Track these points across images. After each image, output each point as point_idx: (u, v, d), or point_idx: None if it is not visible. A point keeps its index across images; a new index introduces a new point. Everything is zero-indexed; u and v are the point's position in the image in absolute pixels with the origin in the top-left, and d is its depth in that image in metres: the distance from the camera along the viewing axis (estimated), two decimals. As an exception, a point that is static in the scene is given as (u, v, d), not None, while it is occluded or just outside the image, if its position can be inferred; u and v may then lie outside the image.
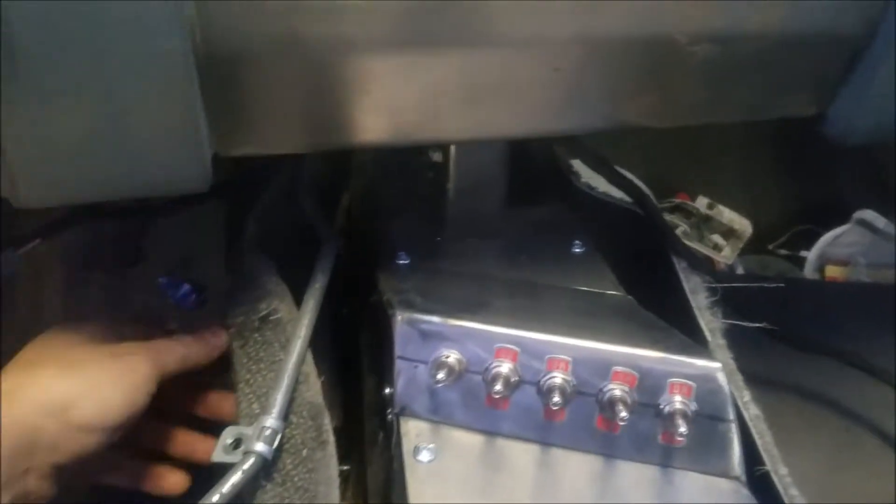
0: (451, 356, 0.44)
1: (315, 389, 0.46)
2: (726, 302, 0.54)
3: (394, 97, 0.41)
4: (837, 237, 0.84)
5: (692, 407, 0.43)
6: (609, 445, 0.44)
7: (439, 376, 0.44)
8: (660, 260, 0.57)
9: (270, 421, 0.42)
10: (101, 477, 0.48)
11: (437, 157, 0.60)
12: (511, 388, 0.44)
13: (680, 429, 0.42)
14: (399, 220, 0.59)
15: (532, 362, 0.44)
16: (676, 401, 0.43)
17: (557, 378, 0.43)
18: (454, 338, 0.45)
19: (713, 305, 0.53)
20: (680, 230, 0.85)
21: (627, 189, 0.61)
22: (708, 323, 0.51)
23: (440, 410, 0.45)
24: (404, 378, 0.45)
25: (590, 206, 0.62)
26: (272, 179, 0.60)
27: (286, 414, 0.43)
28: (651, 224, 0.60)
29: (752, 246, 0.87)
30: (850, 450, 0.59)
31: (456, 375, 0.44)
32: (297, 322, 0.48)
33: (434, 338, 0.45)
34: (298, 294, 0.51)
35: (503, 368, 0.44)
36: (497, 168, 0.56)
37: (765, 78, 0.45)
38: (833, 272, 0.83)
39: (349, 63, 0.39)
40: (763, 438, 0.45)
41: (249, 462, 0.40)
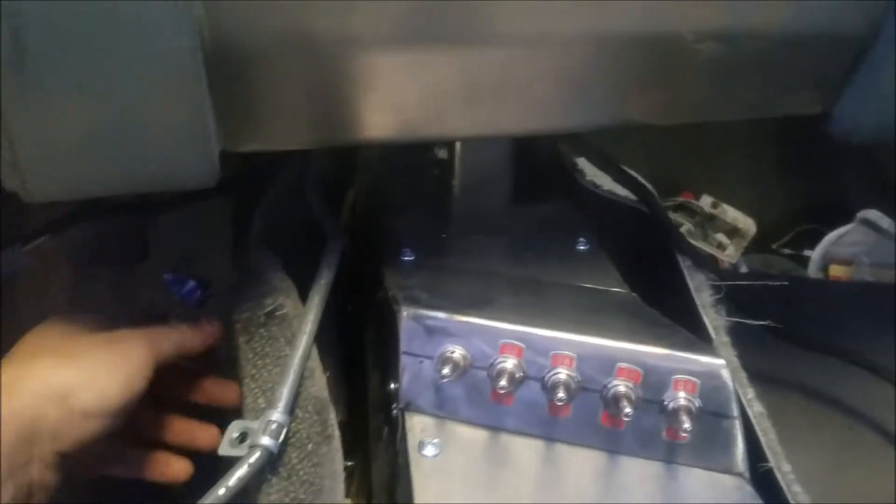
0: (456, 352, 0.45)
1: (320, 384, 0.46)
2: (730, 300, 0.54)
3: (400, 94, 0.41)
4: (841, 236, 0.84)
5: (696, 403, 0.43)
6: (613, 441, 0.45)
7: (444, 372, 0.44)
8: (664, 258, 0.57)
9: (276, 415, 0.42)
10: (104, 467, 0.48)
11: (443, 154, 0.60)
12: (516, 384, 0.44)
13: (684, 425, 0.42)
14: (404, 217, 0.59)
15: (537, 358, 0.44)
16: (680, 397, 0.43)
17: (562, 374, 0.44)
18: (459, 333, 0.45)
19: (717, 303, 0.53)
20: (684, 228, 0.85)
21: (632, 187, 0.61)
22: (712, 321, 0.51)
23: (445, 406, 0.45)
24: (409, 373, 0.45)
25: (594, 204, 0.63)
26: (278, 176, 0.60)
27: (292, 408, 0.44)
28: (655, 222, 0.60)
29: (756, 245, 0.87)
30: (853, 448, 0.59)
31: (461, 371, 0.44)
32: (303, 318, 0.48)
33: (439, 333, 0.45)
34: (304, 290, 0.51)
35: (508, 364, 0.44)
36: (502, 165, 0.56)
37: (769, 76, 0.45)
38: (837, 271, 0.83)
39: (356, 60, 0.39)
40: (766, 435, 0.46)
41: (255, 456, 0.40)
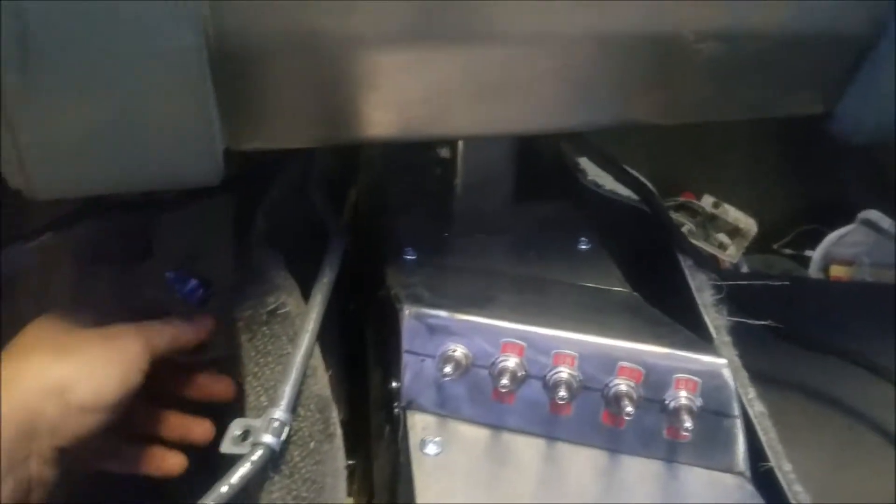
0: (458, 350, 0.45)
1: (323, 383, 0.46)
2: (731, 300, 0.54)
3: (402, 92, 0.41)
4: (842, 237, 0.84)
5: (697, 403, 0.43)
6: (614, 440, 0.45)
7: (446, 370, 0.44)
8: (665, 258, 0.57)
9: (279, 413, 0.42)
10: (101, 462, 0.48)
11: (445, 154, 0.60)
12: (517, 383, 0.44)
13: (685, 424, 0.42)
14: (406, 216, 0.59)
15: (538, 357, 0.44)
16: (682, 396, 0.43)
17: (564, 373, 0.44)
18: (461, 332, 0.45)
19: (718, 303, 0.53)
20: (685, 228, 0.85)
21: (634, 187, 0.61)
22: (713, 320, 0.52)
23: (447, 404, 0.45)
24: (411, 372, 0.46)
25: (596, 204, 0.63)
26: (281, 174, 0.60)
27: (294, 407, 0.44)
28: (657, 222, 0.60)
29: (757, 245, 0.87)
30: (853, 448, 0.59)
31: (463, 369, 0.44)
32: (305, 316, 0.48)
33: (441, 332, 0.45)
34: (306, 288, 0.51)
35: (510, 363, 0.44)
36: (504, 165, 0.56)
37: (771, 76, 0.45)
38: (838, 272, 0.83)
39: (359, 58, 0.39)
40: (767, 435, 0.46)
41: (258, 453, 0.40)
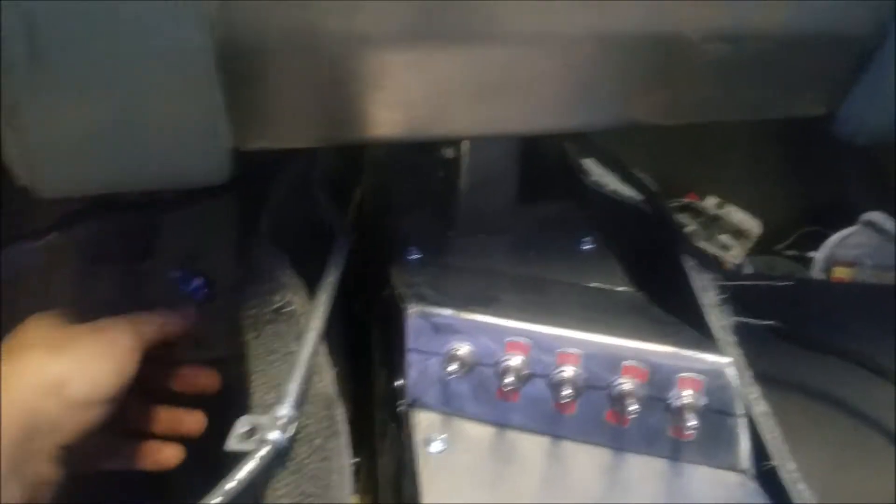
0: (463, 349, 0.45)
1: (328, 380, 0.46)
2: (735, 301, 0.54)
3: (407, 92, 0.41)
4: (845, 239, 0.84)
5: (701, 402, 0.43)
6: (618, 439, 0.45)
7: (451, 368, 0.44)
8: (669, 258, 0.58)
9: (285, 410, 0.42)
10: (100, 460, 0.48)
11: (449, 154, 0.60)
12: (522, 381, 0.44)
13: (689, 423, 0.42)
14: (410, 216, 0.59)
15: (543, 356, 0.44)
16: (686, 395, 0.43)
17: (568, 372, 0.44)
18: (466, 331, 0.45)
19: (722, 303, 0.54)
20: (689, 229, 0.85)
21: (638, 187, 0.61)
22: (717, 320, 0.52)
23: (451, 402, 0.46)
24: (416, 370, 0.46)
25: (599, 204, 0.63)
26: (285, 174, 0.61)
27: (300, 404, 0.44)
28: (661, 222, 0.60)
29: (760, 247, 0.87)
30: (856, 448, 0.59)
31: (467, 368, 0.45)
32: (311, 314, 0.48)
33: (446, 331, 0.45)
34: (310, 288, 0.51)
35: (514, 362, 0.44)
36: (508, 165, 0.56)
37: (775, 76, 0.45)
38: (840, 273, 0.83)
39: (364, 58, 0.39)
40: (771, 434, 0.46)
41: (265, 450, 0.41)
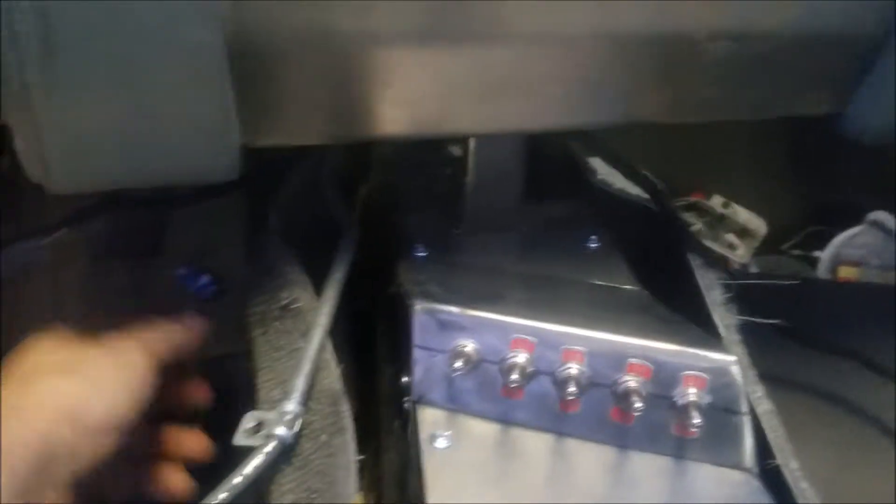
0: (468, 346, 0.45)
1: (334, 377, 0.47)
2: (740, 300, 0.54)
3: (415, 90, 0.42)
4: (850, 238, 0.84)
5: (706, 399, 0.44)
6: (623, 436, 0.45)
7: (456, 365, 0.44)
8: (675, 257, 0.58)
9: (291, 406, 0.43)
10: (113, 490, 0.46)
11: (456, 152, 0.60)
12: (527, 378, 0.44)
13: (693, 421, 0.43)
14: (417, 214, 0.60)
15: (548, 353, 0.45)
16: (690, 393, 0.43)
17: (573, 369, 0.44)
18: (471, 328, 0.45)
19: (727, 302, 0.54)
20: (695, 228, 0.85)
21: (644, 186, 0.61)
22: (722, 319, 0.52)
23: (456, 399, 0.46)
24: (422, 367, 0.46)
25: (606, 202, 0.63)
26: (293, 171, 0.61)
27: (306, 400, 0.44)
28: (667, 221, 0.61)
29: (766, 246, 0.87)
30: (859, 448, 0.59)
31: (472, 365, 0.45)
32: (318, 311, 0.48)
33: (451, 328, 0.46)
34: (317, 284, 0.52)
35: (519, 359, 0.44)
36: (514, 163, 0.56)
37: (780, 75, 0.45)
38: (846, 273, 0.83)
39: (373, 56, 0.40)
40: (775, 432, 0.46)
41: (271, 445, 0.41)
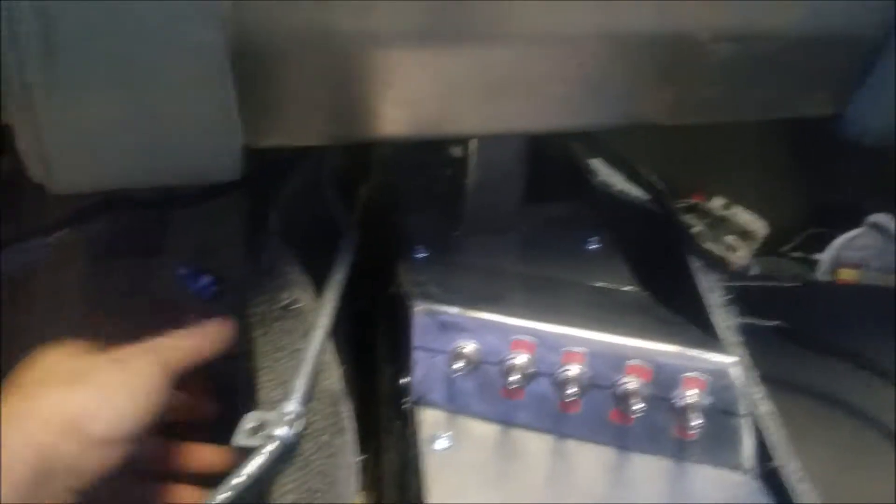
0: (469, 347, 0.45)
1: (334, 377, 0.47)
2: (740, 301, 0.54)
3: (417, 91, 0.42)
4: (850, 240, 0.84)
5: (706, 401, 0.44)
6: (622, 438, 0.45)
7: (456, 366, 0.44)
8: (675, 258, 0.58)
9: (292, 406, 0.43)
10: None
11: (457, 153, 0.60)
12: (527, 380, 0.44)
13: (693, 422, 0.43)
14: (417, 215, 0.60)
15: (548, 354, 0.45)
16: (690, 395, 0.44)
17: (573, 370, 0.44)
18: (471, 329, 0.46)
19: (728, 304, 0.54)
20: (695, 230, 0.85)
21: (645, 187, 0.61)
22: (723, 320, 0.52)
23: (456, 400, 0.46)
24: (422, 368, 0.46)
25: (606, 204, 0.63)
26: (294, 171, 0.61)
27: (307, 400, 0.44)
28: (667, 222, 0.61)
29: (766, 248, 0.87)
30: (859, 450, 0.59)
31: (473, 366, 0.45)
32: (318, 312, 0.49)
33: (452, 329, 0.46)
34: (318, 285, 0.52)
35: (519, 360, 0.45)
36: (515, 164, 0.56)
37: (782, 76, 0.45)
38: (846, 275, 0.82)
39: (375, 57, 0.40)
40: (775, 434, 0.46)
41: (272, 446, 0.41)
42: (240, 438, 0.43)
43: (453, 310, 0.46)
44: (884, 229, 0.82)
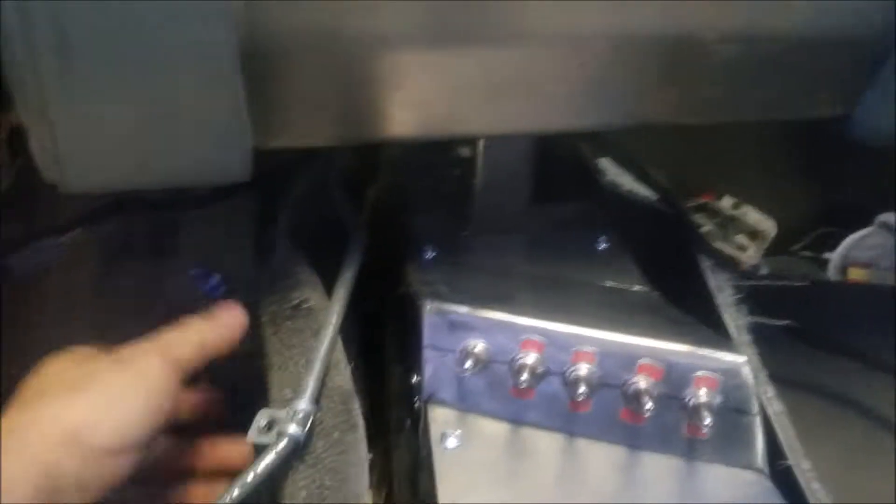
0: (478, 346, 0.45)
1: (345, 375, 0.47)
2: (750, 301, 0.54)
3: (425, 92, 0.42)
4: (860, 240, 0.83)
5: (717, 400, 0.44)
6: (633, 437, 0.45)
7: (466, 365, 0.44)
8: (685, 258, 0.58)
9: (303, 404, 0.43)
10: None
11: (465, 153, 0.60)
12: (537, 379, 0.44)
13: (704, 421, 0.43)
14: (426, 215, 0.60)
15: (558, 354, 0.45)
16: (701, 394, 0.43)
17: (583, 370, 0.44)
18: (481, 328, 0.46)
19: (738, 303, 0.54)
20: (705, 229, 0.84)
21: (654, 187, 0.61)
22: (733, 320, 0.52)
23: (467, 399, 0.46)
24: (432, 367, 0.46)
25: (615, 204, 0.63)
26: (302, 172, 0.61)
27: (318, 398, 0.45)
28: (677, 222, 0.61)
29: (776, 247, 0.87)
30: (870, 449, 0.59)
31: (482, 365, 0.45)
32: (328, 311, 0.49)
33: (461, 328, 0.46)
34: (326, 285, 0.52)
35: (529, 359, 0.45)
36: (523, 164, 0.57)
37: (789, 77, 0.45)
38: (856, 275, 0.82)
39: (383, 58, 0.40)
40: (786, 433, 0.46)
41: (283, 443, 0.41)
42: (252, 436, 0.43)
43: (463, 309, 0.46)
44: (894, 229, 0.82)
